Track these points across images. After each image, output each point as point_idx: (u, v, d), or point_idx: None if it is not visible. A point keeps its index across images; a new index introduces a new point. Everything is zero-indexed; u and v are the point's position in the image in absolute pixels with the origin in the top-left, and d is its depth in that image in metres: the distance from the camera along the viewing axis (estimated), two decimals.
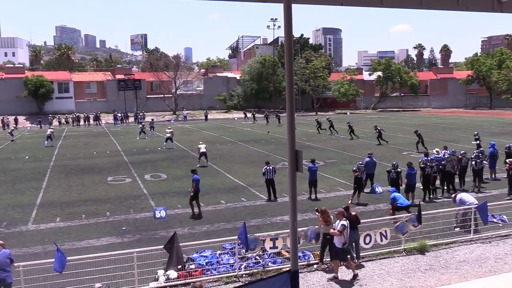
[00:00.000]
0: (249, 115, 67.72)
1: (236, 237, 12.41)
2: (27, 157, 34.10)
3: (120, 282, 11.47)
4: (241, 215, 17.72)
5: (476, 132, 30.92)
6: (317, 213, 13.43)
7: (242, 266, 12.59)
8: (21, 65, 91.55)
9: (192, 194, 17.85)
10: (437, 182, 20.32)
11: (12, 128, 54.43)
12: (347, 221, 12.11)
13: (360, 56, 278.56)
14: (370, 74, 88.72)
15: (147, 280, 11.84)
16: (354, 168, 19.79)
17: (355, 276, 11.84)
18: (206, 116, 69.24)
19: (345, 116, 72.84)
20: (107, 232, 16.17)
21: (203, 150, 28.42)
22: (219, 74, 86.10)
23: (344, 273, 12.24)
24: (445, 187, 20.39)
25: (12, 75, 72.59)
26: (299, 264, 11.69)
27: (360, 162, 21.00)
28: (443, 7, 9.06)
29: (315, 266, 12.75)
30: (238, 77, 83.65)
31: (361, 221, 13.37)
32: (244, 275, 12.32)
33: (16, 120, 64.16)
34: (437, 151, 22.36)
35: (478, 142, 28.58)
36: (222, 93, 79.77)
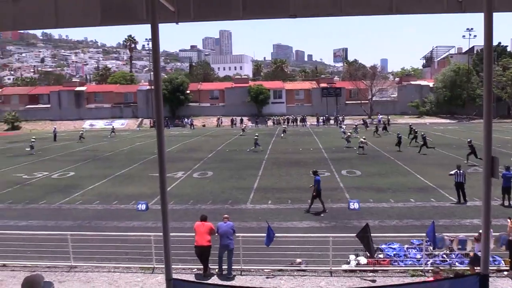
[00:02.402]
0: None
1: (424, 234, 11.60)
2: (248, 149, 37.08)
3: (317, 260, 11.70)
4: (429, 214, 16.52)
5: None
6: (508, 220, 11.79)
7: (429, 262, 11.73)
8: (246, 77, 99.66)
9: (314, 193, 17.25)
10: None
11: (244, 126, 60.03)
12: None
13: None
14: None
15: (339, 262, 11.84)
16: None
17: None
18: (388, 121, 65.64)
19: None
20: (307, 217, 16.63)
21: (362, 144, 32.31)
22: (412, 82, 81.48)
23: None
24: None
25: (239, 84, 79.25)
26: (489, 268, 10.40)
27: None
28: None
29: (505, 272, 11.21)
30: (431, 85, 78.06)
31: None
32: (430, 271, 11.46)
33: (241, 120, 70.41)
34: None
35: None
36: (415, 99, 75.40)
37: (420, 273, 11.30)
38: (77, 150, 40.34)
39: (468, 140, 28.37)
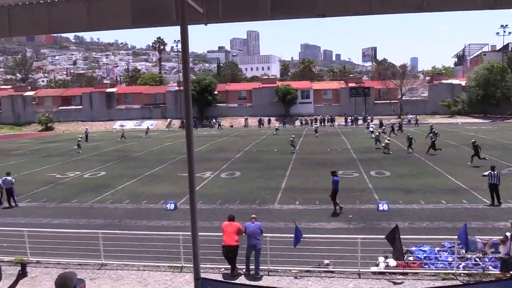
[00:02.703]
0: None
1: (456, 236, 11.32)
2: (275, 150, 37.05)
3: (345, 262, 11.59)
4: (461, 216, 16.12)
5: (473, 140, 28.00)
6: None
7: (461, 266, 11.44)
8: (273, 77, 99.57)
9: (331, 194, 17.20)
10: None
11: (278, 125, 60.00)
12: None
13: None
14: None
15: (368, 264, 11.69)
16: None
17: None
18: (416, 121, 64.75)
19: None
20: (335, 218, 16.50)
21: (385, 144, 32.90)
22: (444, 81, 79.72)
23: None
24: None
25: (267, 85, 79.20)
26: None
27: None
28: None
29: None
30: (463, 84, 76.21)
31: None
32: (462, 274, 11.18)
33: (269, 121, 70.50)
34: None
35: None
36: (447, 99, 73.74)
37: (452, 276, 11.04)
38: (108, 150, 41.22)
39: (473, 140, 27.91)
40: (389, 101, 74.16)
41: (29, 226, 15.29)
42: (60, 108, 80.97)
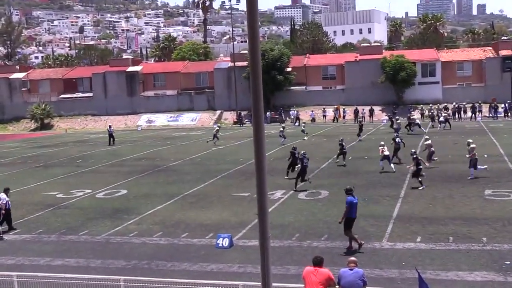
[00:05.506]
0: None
1: None
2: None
3: None
4: None
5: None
6: None
7: None
8: (378, 44, 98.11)
9: (340, 221, 17.46)
10: None
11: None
12: None
13: None
14: None
15: None
16: None
17: None
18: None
19: None
20: (482, 265, 15.92)
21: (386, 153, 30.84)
22: None
23: None
24: None
25: (368, 56, 77.66)
26: None
27: None
28: None
29: None
30: None
31: None
32: None
33: (371, 112, 68.96)
34: None
35: None
36: None
37: None
38: (129, 158, 42.50)
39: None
40: None
41: (19, 269, 16.04)
42: (62, 96, 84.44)
